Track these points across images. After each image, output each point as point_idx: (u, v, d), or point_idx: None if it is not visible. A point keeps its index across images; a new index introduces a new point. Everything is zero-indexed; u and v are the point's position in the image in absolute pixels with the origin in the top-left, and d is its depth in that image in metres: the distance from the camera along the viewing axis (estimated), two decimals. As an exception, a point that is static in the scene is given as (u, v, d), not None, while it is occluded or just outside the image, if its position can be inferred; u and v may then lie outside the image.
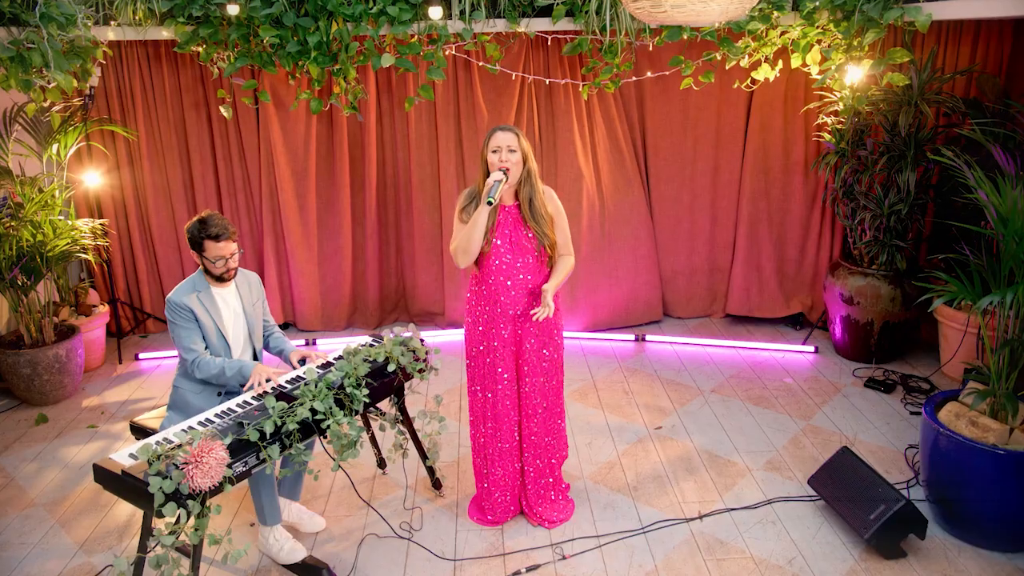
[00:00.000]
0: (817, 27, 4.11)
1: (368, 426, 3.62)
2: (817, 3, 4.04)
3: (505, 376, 3.16)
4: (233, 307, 3.23)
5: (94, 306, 5.07)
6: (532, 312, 3.00)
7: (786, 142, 5.17)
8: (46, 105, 4.33)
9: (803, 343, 5.12)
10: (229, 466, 2.54)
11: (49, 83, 3.68)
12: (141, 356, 5.18)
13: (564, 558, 3.12)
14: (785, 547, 3.15)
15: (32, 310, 4.45)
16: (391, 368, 3.15)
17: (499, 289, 3.07)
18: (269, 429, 2.66)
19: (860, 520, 3.09)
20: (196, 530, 2.43)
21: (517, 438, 3.28)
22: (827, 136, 4.64)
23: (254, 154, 5.26)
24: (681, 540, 3.22)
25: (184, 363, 3.11)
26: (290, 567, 3.06)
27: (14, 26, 3.64)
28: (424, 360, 3.29)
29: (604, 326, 5.48)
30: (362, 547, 3.22)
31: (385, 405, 3.51)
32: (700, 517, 3.36)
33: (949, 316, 4.43)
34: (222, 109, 4.68)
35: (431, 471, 3.54)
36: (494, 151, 2.95)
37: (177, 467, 2.39)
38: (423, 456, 3.49)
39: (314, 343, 5.37)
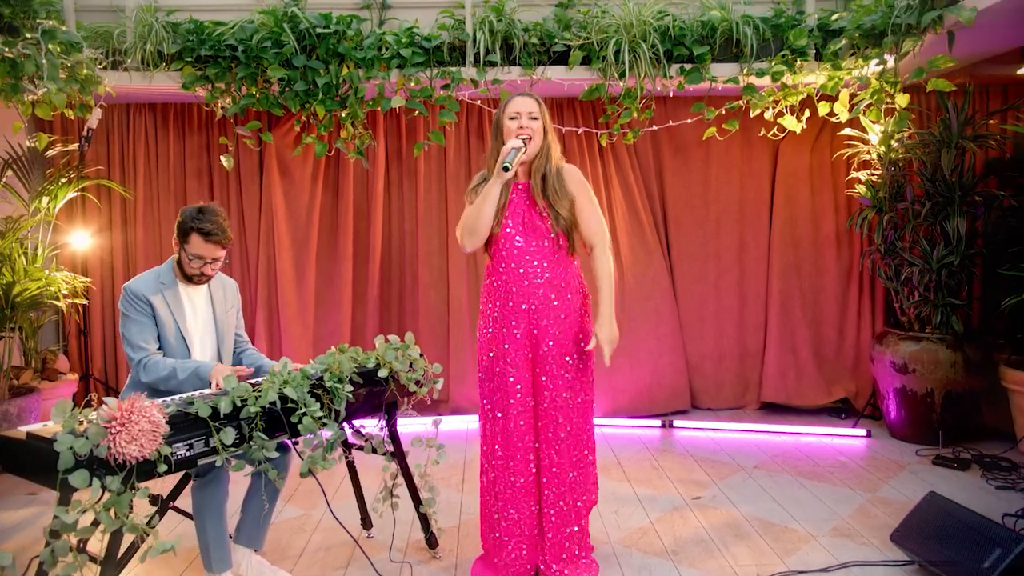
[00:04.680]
0: (844, 70, 3.96)
1: (353, 474, 3.03)
2: (842, 43, 3.91)
3: (518, 387, 2.63)
4: (201, 311, 2.78)
5: (62, 373, 4.58)
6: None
7: (815, 215, 4.90)
8: (34, 144, 4.13)
9: (853, 426, 4.52)
10: (169, 443, 1.99)
11: (39, 96, 3.48)
12: (106, 435, 4.59)
13: (591, 618, 2.42)
14: (875, 611, 2.45)
15: (-11, 363, 3.99)
16: (382, 374, 2.65)
17: (511, 278, 2.63)
18: (225, 408, 2.13)
19: (970, 571, 2.42)
20: (112, 514, 1.85)
21: (534, 470, 2.68)
22: (862, 189, 4.36)
23: (254, 222, 5.00)
24: (740, 602, 2.53)
25: (131, 365, 2.61)
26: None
27: (12, 35, 3.52)
28: (423, 374, 2.79)
29: (625, 413, 4.91)
30: (333, 605, 2.54)
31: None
32: (761, 579, 2.68)
33: (1022, 382, 3.89)
34: (223, 159, 4.48)
35: (425, 522, 2.90)
36: (512, 118, 2.62)
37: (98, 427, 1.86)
38: (416, 501, 2.87)
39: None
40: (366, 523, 3.13)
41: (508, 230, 2.63)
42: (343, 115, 4.29)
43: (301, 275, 4.99)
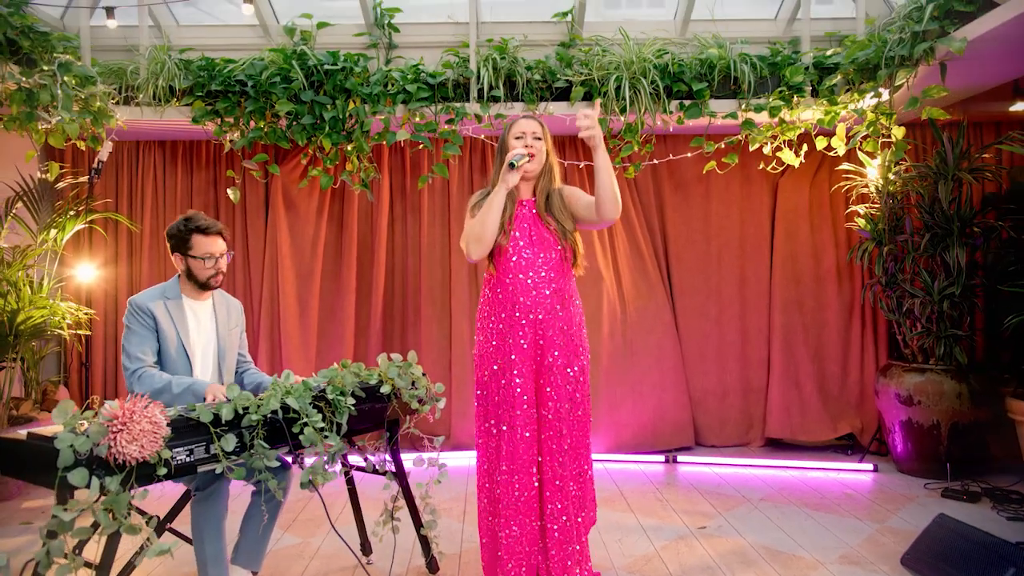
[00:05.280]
0: (840, 105, 4.05)
1: (354, 499, 2.99)
2: (837, 79, 4.01)
3: (525, 398, 2.62)
4: (205, 325, 2.79)
5: (61, 405, 4.55)
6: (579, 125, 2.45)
7: (815, 249, 4.94)
8: (45, 174, 4.19)
9: (859, 461, 4.46)
10: (169, 448, 1.98)
11: (52, 125, 3.56)
12: (104, 468, 4.55)
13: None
14: (887, 633, 2.39)
15: (-11, 392, 3.98)
16: (385, 390, 2.64)
17: (518, 289, 2.65)
18: (227, 415, 2.13)
19: (982, 591, 2.37)
20: (111, 515, 1.82)
21: (536, 484, 2.65)
22: (861, 222, 4.40)
23: (258, 256, 5.04)
24: (748, 625, 2.46)
25: (126, 377, 2.61)
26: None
27: (29, 67, 3.62)
28: (425, 392, 2.78)
29: (629, 448, 4.85)
30: (331, 626, 2.48)
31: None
32: (769, 603, 2.61)
33: (1028, 412, 3.86)
34: (230, 192, 4.55)
35: (426, 545, 2.85)
36: (518, 137, 2.71)
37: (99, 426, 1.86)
38: (417, 523, 2.83)
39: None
40: (366, 549, 3.07)
41: (515, 242, 2.67)
42: (349, 148, 4.38)
43: (304, 307, 5.00)
